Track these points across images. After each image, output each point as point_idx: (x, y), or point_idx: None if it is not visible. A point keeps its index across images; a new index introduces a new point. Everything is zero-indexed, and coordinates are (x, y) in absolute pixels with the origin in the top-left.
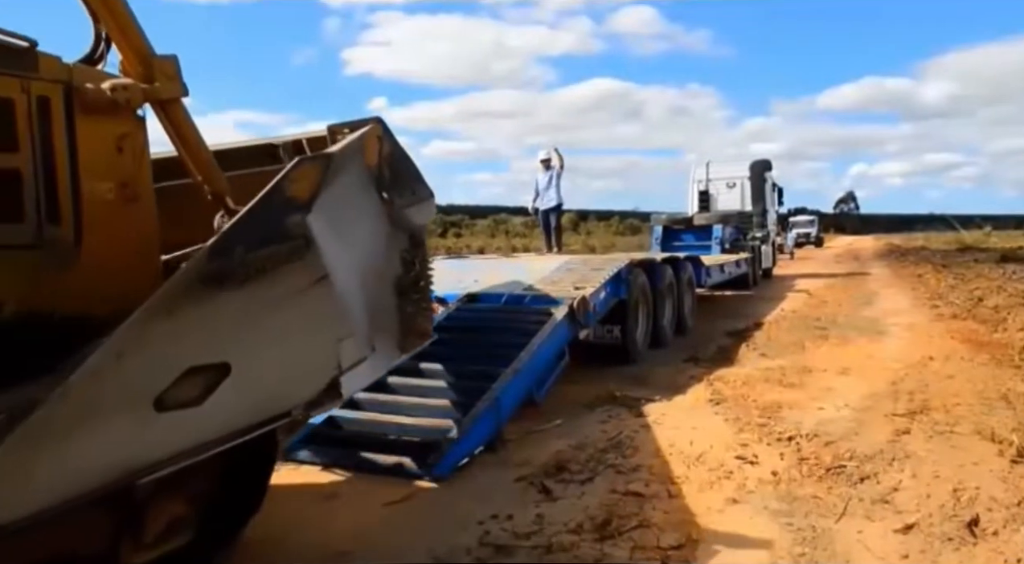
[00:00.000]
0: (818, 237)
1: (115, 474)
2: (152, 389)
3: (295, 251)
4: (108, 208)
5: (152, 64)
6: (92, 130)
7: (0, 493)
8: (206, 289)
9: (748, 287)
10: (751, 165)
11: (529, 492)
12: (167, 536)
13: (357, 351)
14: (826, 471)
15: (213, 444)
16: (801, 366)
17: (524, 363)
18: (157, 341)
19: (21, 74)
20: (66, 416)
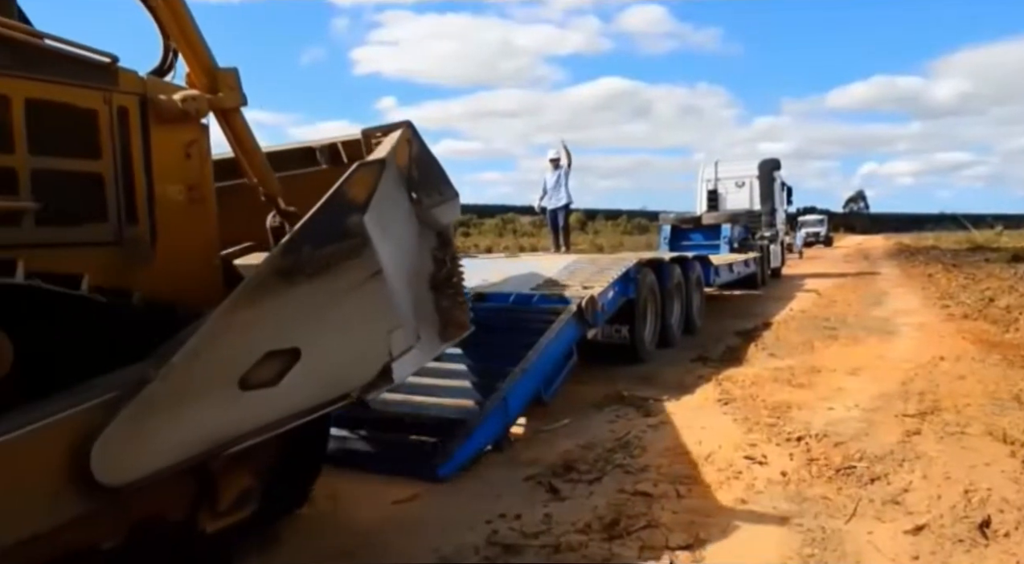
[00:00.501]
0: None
1: (208, 445)
2: (237, 370)
3: (354, 249)
4: (178, 209)
5: (216, 76)
6: (164, 138)
7: (117, 459)
8: (281, 282)
9: (757, 286)
10: (760, 164)
11: (537, 491)
12: (237, 506)
13: (405, 340)
14: (836, 472)
15: (285, 421)
16: (810, 366)
17: (532, 362)
18: (242, 327)
19: (103, 87)
20: (170, 393)
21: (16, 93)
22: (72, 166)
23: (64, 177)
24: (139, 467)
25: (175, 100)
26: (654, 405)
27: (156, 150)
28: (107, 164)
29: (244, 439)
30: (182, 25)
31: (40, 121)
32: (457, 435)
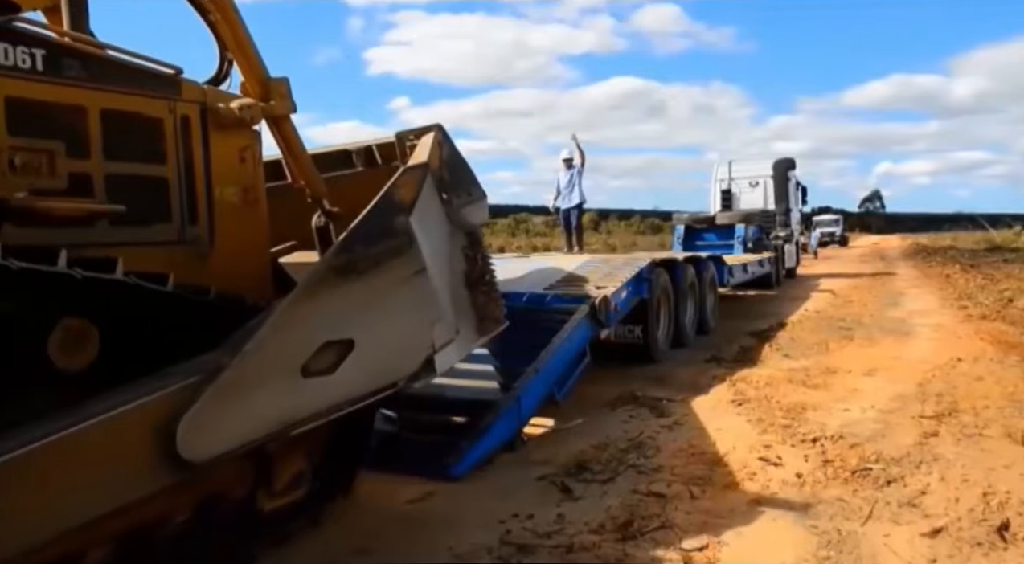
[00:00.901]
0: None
1: (275, 427)
2: (300, 358)
3: (400, 247)
4: (233, 210)
5: (269, 85)
6: (222, 143)
7: (198, 437)
8: (337, 278)
9: (771, 287)
10: (774, 164)
11: (550, 491)
12: (291, 487)
13: (446, 333)
14: (851, 473)
15: (340, 407)
16: (825, 367)
17: (545, 362)
18: (303, 319)
19: (169, 97)
20: (243, 378)
21: (92, 103)
22: (140, 170)
23: (133, 181)
24: (217, 445)
25: (232, 108)
26: (668, 405)
27: (215, 155)
28: (171, 168)
29: (305, 423)
30: (239, 39)
31: (112, 129)
32: (470, 435)
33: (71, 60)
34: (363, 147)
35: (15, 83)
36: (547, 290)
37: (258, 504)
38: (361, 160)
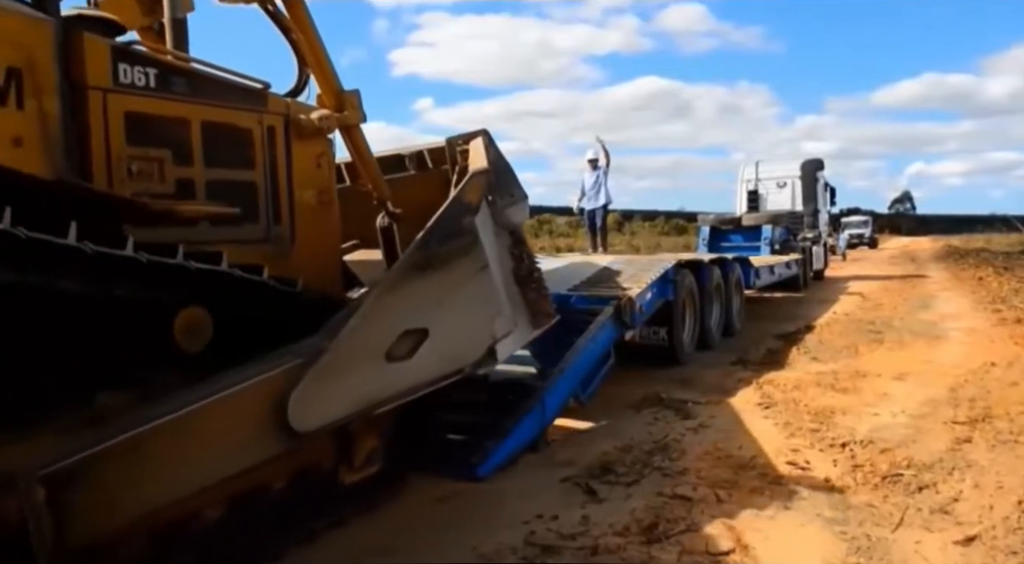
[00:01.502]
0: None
1: (365, 405)
2: (384, 344)
3: (468, 245)
4: (311, 211)
5: (343, 97)
6: (302, 151)
7: (305, 411)
8: (415, 273)
9: (799, 289)
10: (803, 164)
11: (574, 493)
12: (367, 463)
13: (506, 325)
14: (882, 479)
15: (416, 389)
16: (855, 370)
17: (569, 364)
18: (387, 309)
19: (257, 109)
20: (339, 361)
21: (195, 116)
22: (234, 176)
23: (228, 185)
24: (319, 418)
25: (312, 119)
26: (693, 408)
27: (295, 161)
28: (259, 174)
29: (387, 402)
30: (317, 56)
31: (211, 139)
32: (495, 435)
33: (177, 77)
34: (415, 151)
35: (133, 99)
36: (571, 291)
37: (340, 477)
38: (413, 164)
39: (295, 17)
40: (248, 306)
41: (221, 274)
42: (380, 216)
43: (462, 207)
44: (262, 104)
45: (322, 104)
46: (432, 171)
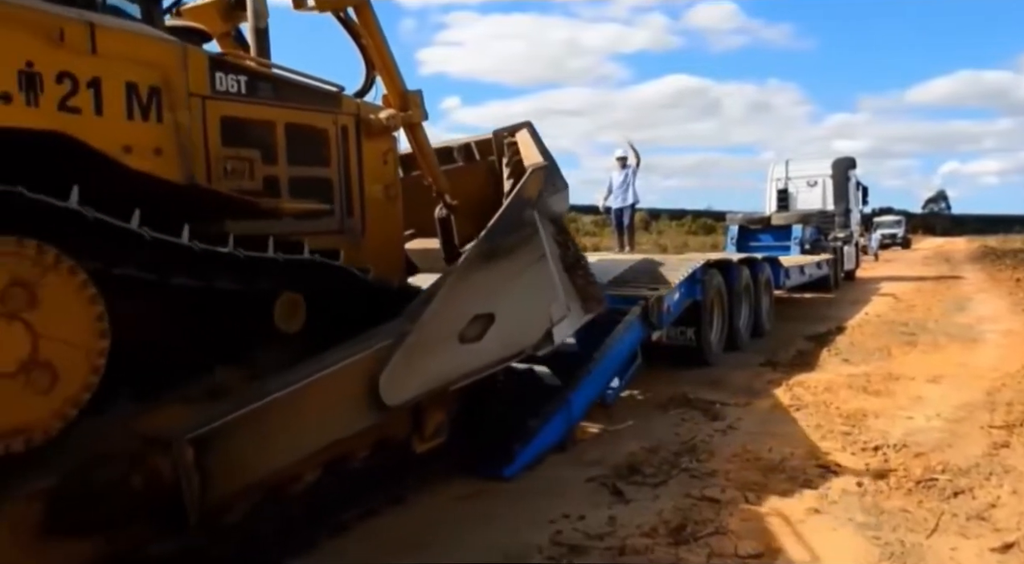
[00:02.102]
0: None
1: (442, 382)
2: (458, 327)
3: (529, 236)
4: (379, 204)
5: (407, 97)
6: (370, 148)
7: (394, 386)
8: (483, 262)
9: (829, 289)
10: (834, 163)
11: (601, 493)
12: (435, 435)
13: (561, 310)
14: (916, 484)
15: (483, 369)
16: (887, 373)
17: (596, 364)
18: (460, 295)
19: (332, 111)
20: (421, 342)
21: (278, 118)
22: (312, 173)
23: (307, 181)
24: (405, 393)
25: (380, 118)
26: (721, 409)
27: (365, 158)
28: (334, 170)
29: (460, 380)
30: (384, 59)
31: (292, 139)
32: (522, 436)
33: (264, 83)
34: (463, 144)
35: (227, 104)
36: None
37: (412, 447)
38: (461, 156)
39: (364, 23)
40: (333, 291)
41: (313, 264)
42: (438, 207)
43: (523, 201)
44: (336, 106)
45: (387, 104)
46: (479, 162)
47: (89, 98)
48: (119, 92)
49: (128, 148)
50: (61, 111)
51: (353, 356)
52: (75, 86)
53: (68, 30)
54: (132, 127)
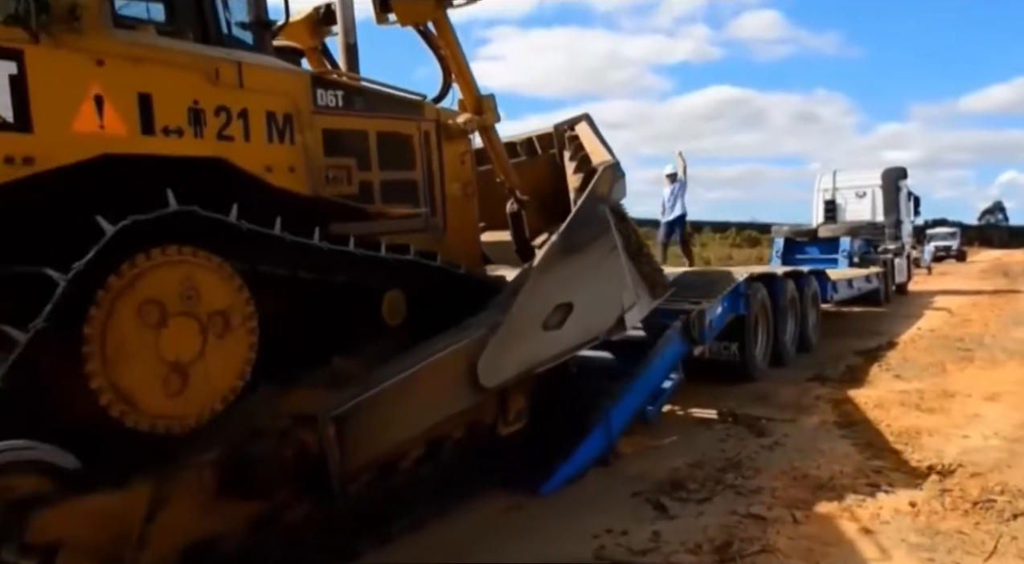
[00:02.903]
0: (960, 250)
1: (528, 367)
2: (542, 316)
3: (602, 230)
4: (458, 202)
5: (481, 101)
6: (450, 150)
7: (490, 371)
8: (562, 255)
9: (880, 303)
10: (884, 173)
11: (644, 508)
12: (517, 419)
13: (631, 297)
14: (972, 505)
15: (563, 355)
16: (942, 390)
17: (636, 379)
18: (543, 287)
19: (415, 118)
20: (512, 330)
21: (370, 128)
22: (400, 176)
23: (396, 184)
24: (500, 376)
25: (458, 122)
26: (767, 425)
27: (445, 160)
28: (419, 173)
29: (543, 365)
30: (460, 69)
31: (383, 146)
32: (560, 452)
33: (357, 97)
34: (524, 139)
35: (327, 118)
36: None
37: (498, 430)
38: (524, 150)
39: (442, 35)
40: (429, 287)
41: (413, 263)
42: (509, 202)
43: (596, 198)
44: (420, 113)
45: (462, 108)
46: (540, 156)
47: (239, 127)
48: (261, 120)
49: (269, 168)
50: (219, 140)
51: (456, 344)
52: (229, 118)
53: (221, 69)
54: (272, 149)
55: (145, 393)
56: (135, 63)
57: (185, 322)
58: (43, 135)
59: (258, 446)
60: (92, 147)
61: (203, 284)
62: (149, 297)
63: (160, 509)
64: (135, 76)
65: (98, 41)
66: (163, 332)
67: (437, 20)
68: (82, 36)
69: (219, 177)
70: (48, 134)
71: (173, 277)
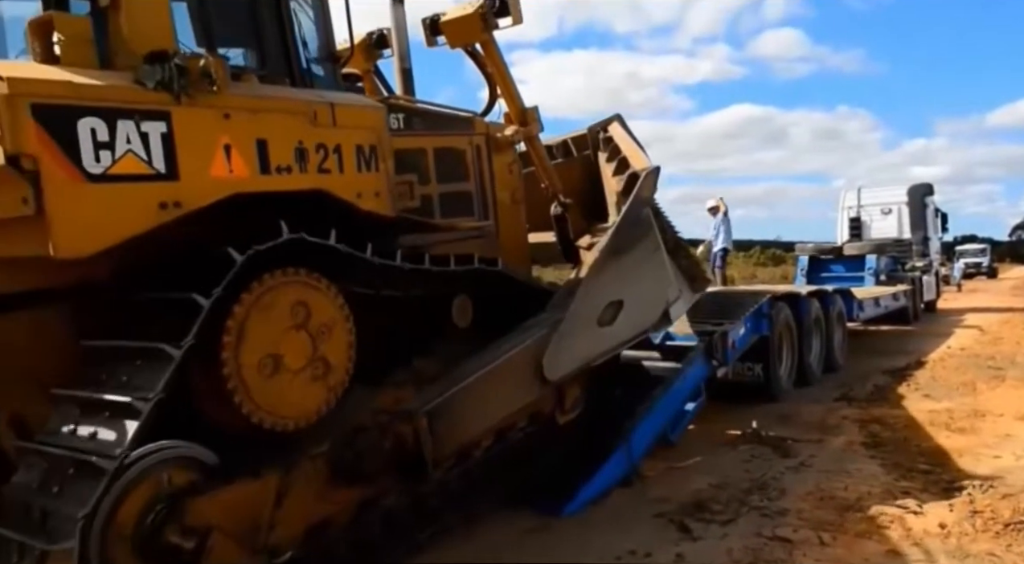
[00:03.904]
0: (991, 267)
1: (585, 361)
2: (596, 314)
3: (647, 231)
4: (507, 209)
5: (526, 113)
6: (499, 161)
7: (554, 365)
8: (612, 256)
9: (908, 322)
10: (909, 189)
11: (668, 529)
12: (573, 408)
13: (674, 292)
14: (1004, 526)
15: (615, 349)
16: (972, 409)
17: (657, 401)
18: (596, 287)
19: (467, 134)
20: (571, 328)
21: (429, 145)
22: (456, 188)
23: (453, 196)
24: (562, 370)
25: (506, 135)
26: (793, 446)
27: (496, 170)
28: (472, 184)
29: (599, 358)
30: (506, 85)
31: (440, 161)
32: (581, 474)
33: (417, 118)
34: (560, 141)
35: (395, 140)
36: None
37: (556, 419)
38: (560, 152)
39: (489, 55)
40: (491, 291)
41: (478, 271)
42: (553, 205)
43: (641, 202)
44: (471, 129)
45: (508, 121)
46: (576, 157)
47: (335, 161)
48: (352, 153)
49: (359, 194)
50: (319, 173)
51: (524, 343)
52: (326, 153)
53: (319, 111)
54: (361, 178)
55: (272, 395)
56: (253, 113)
57: (300, 332)
58: (187, 182)
59: (363, 439)
60: (224, 189)
61: (312, 299)
62: (272, 313)
63: (285, 495)
64: (254, 125)
65: (224, 97)
66: (283, 341)
67: (484, 42)
68: (212, 95)
69: (319, 205)
70: (191, 181)
71: (289, 295)
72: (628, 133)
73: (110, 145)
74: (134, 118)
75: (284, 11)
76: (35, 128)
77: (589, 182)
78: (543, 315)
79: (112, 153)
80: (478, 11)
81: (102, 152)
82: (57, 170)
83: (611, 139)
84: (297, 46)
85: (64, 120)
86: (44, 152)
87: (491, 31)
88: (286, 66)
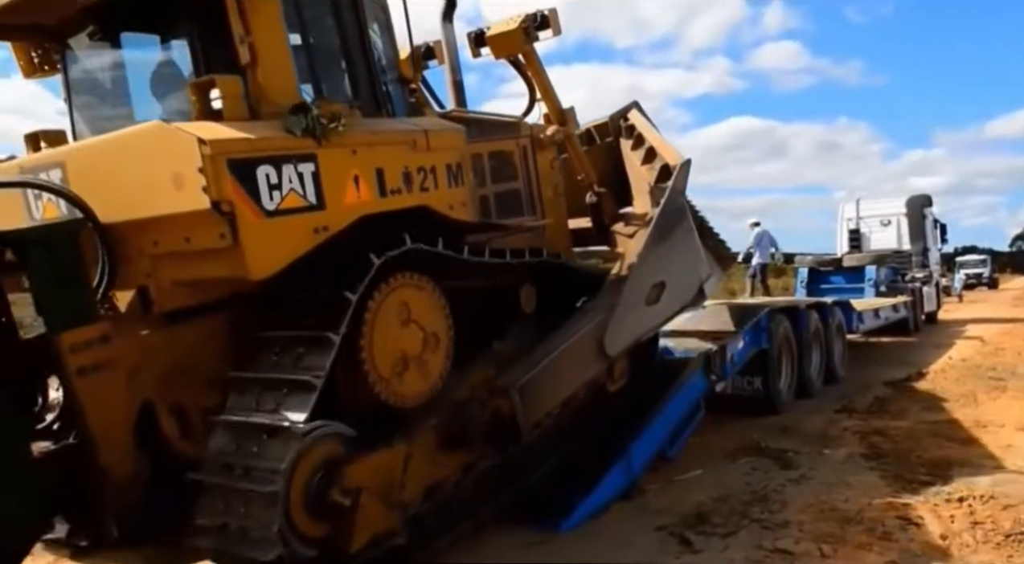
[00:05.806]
0: (992, 277)
1: (637, 336)
2: (644, 294)
3: (683, 217)
4: (551, 202)
5: (564, 114)
6: (542, 159)
7: (613, 342)
8: (656, 242)
9: (909, 333)
10: (908, 200)
11: (669, 542)
12: (620, 377)
13: (707, 269)
14: (1005, 537)
15: (660, 325)
16: (974, 420)
17: (656, 417)
18: (644, 271)
19: (514, 137)
20: (625, 308)
21: (483, 150)
22: (507, 187)
23: (505, 194)
24: (620, 346)
25: (549, 135)
26: (794, 458)
27: (540, 168)
28: (520, 181)
29: (647, 334)
30: (545, 90)
31: (493, 164)
32: (580, 489)
33: (472, 127)
34: (584, 130)
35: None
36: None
37: (607, 387)
38: (584, 141)
39: (529, 63)
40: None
41: (544, 262)
42: (588, 195)
43: (677, 191)
44: (517, 132)
45: (547, 122)
46: (599, 145)
47: (432, 179)
48: (443, 171)
49: (451, 206)
50: (421, 191)
51: (588, 324)
52: (425, 174)
53: (417, 139)
54: (452, 192)
55: (397, 378)
56: (371, 147)
57: (414, 325)
58: (331, 209)
59: (466, 411)
60: (355, 212)
61: (421, 297)
62: (397, 308)
63: (410, 461)
64: (373, 156)
65: (350, 137)
66: (404, 333)
67: (525, 52)
68: (340, 135)
69: (422, 218)
70: (334, 208)
71: (406, 294)
72: (647, 120)
73: (279, 186)
74: (292, 162)
75: (367, 43)
76: (230, 179)
77: (612, 167)
78: (600, 299)
79: (280, 192)
80: (521, 25)
81: (274, 192)
82: (246, 210)
83: (633, 127)
84: (377, 74)
85: (248, 170)
86: (237, 197)
87: (532, 43)
88: (371, 94)
